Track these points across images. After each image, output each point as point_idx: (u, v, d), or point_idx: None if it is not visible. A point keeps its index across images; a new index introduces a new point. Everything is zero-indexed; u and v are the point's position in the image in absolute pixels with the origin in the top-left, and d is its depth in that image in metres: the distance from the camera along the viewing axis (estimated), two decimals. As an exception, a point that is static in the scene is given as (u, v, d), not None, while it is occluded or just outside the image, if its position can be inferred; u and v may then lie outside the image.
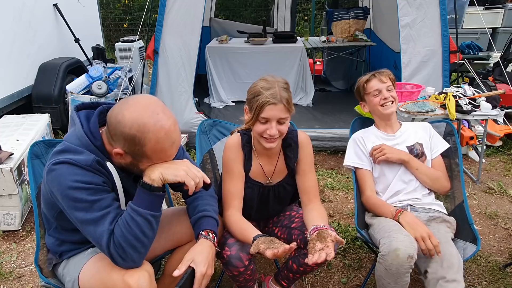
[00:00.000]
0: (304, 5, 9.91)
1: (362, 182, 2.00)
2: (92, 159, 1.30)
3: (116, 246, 1.26)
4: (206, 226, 1.51)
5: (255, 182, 1.79)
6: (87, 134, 1.33)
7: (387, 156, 1.93)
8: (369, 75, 2.02)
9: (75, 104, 1.47)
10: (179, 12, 3.61)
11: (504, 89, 3.49)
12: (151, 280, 1.32)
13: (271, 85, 1.58)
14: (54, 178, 1.27)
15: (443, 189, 1.98)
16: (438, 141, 2.03)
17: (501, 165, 3.66)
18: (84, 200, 1.25)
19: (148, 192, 1.28)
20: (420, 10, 3.47)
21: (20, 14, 3.99)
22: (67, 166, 1.26)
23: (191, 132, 3.76)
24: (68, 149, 1.31)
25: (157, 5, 3.63)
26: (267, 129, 1.60)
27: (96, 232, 1.26)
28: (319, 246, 1.45)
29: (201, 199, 1.59)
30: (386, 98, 1.96)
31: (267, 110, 1.56)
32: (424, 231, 1.64)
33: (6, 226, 2.67)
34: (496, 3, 6.22)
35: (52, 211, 1.41)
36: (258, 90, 1.58)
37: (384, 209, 1.86)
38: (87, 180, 1.27)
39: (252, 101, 1.60)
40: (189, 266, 1.39)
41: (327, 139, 3.79)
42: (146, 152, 1.27)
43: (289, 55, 4.74)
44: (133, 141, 1.25)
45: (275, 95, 1.55)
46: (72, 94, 4.03)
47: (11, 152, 2.67)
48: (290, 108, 1.61)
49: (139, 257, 1.31)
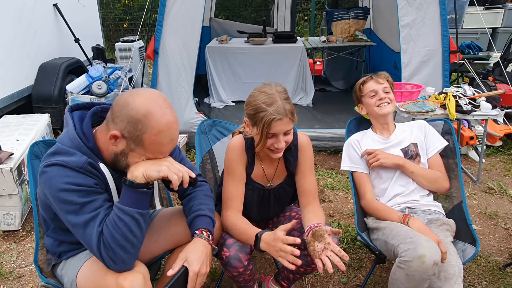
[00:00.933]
0: (304, 5, 9.91)
1: (360, 186, 1.98)
2: (84, 161, 1.29)
3: (106, 248, 1.25)
4: (200, 225, 1.50)
5: (256, 184, 1.78)
6: (79, 135, 1.33)
7: (381, 162, 1.91)
8: (367, 76, 2.01)
9: (69, 105, 1.46)
10: (179, 12, 3.61)
11: (504, 89, 3.49)
12: (145, 282, 1.32)
13: (273, 99, 1.52)
14: (45, 180, 1.27)
15: (442, 190, 1.96)
16: (435, 138, 2.00)
17: (501, 165, 3.66)
18: (74, 202, 1.25)
19: (132, 190, 1.27)
20: (420, 10, 3.47)
21: (20, 14, 3.99)
22: (58, 168, 1.26)
23: (191, 132, 3.76)
24: (60, 151, 1.30)
25: (157, 5, 3.63)
26: (275, 143, 1.58)
27: (85, 235, 1.26)
28: (320, 246, 1.45)
29: (196, 199, 1.58)
30: (382, 98, 1.95)
31: (274, 126, 1.53)
32: (434, 239, 1.61)
33: (6, 226, 2.67)
34: (496, 3, 6.22)
35: (48, 212, 1.41)
36: (260, 106, 1.52)
37: (389, 214, 1.82)
38: (78, 182, 1.26)
39: (256, 117, 1.55)
40: (182, 265, 1.39)
41: (327, 139, 3.79)
42: (144, 140, 1.26)
43: (289, 55, 4.74)
44: (135, 125, 1.25)
45: (280, 110, 1.51)
46: (72, 94, 4.04)
47: (11, 152, 2.67)
48: (294, 119, 1.58)
49: (130, 258, 1.30)
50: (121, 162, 1.33)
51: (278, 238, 1.44)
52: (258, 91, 1.58)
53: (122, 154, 1.32)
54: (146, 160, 1.31)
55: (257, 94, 1.57)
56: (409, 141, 1.99)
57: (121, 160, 1.33)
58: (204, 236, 1.47)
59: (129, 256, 1.29)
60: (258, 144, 1.60)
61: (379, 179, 1.98)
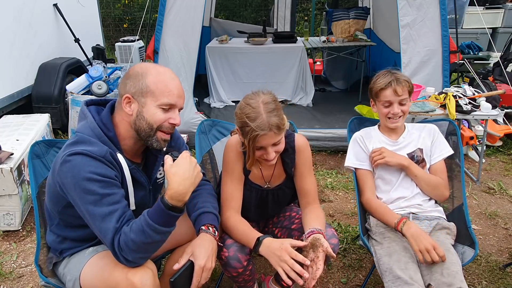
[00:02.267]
0: (304, 5, 9.91)
1: (361, 183, 1.95)
2: (105, 151, 1.32)
3: (121, 248, 1.26)
4: (206, 221, 1.51)
5: (254, 185, 1.78)
6: (100, 125, 1.36)
7: (386, 160, 1.87)
8: (387, 81, 1.85)
9: (85, 100, 1.51)
10: (179, 12, 3.61)
11: (504, 89, 3.49)
12: (154, 278, 1.33)
13: (257, 113, 1.48)
14: (68, 169, 1.27)
15: (441, 198, 1.92)
16: (442, 145, 1.94)
17: (501, 165, 3.66)
18: (95, 192, 1.26)
19: (166, 211, 1.26)
20: (420, 10, 3.47)
21: (20, 14, 3.99)
22: (81, 157, 1.27)
23: (191, 132, 3.76)
24: (82, 140, 1.32)
25: (157, 5, 3.63)
26: (264, 154, 1.57)
27: (101, 228, 1.27)
28: (311, 256, 1.47)
29: (200, 197, 1.59)
30: (395, 114, 1.86)
31: (260, 140, 1.50)
32: (428, 243, 1.61)
33: (6, 226, 2.67)
34: (496, 3, 6.21)
35: (58, 205, 1.41)
36: (244, 120, 1.49)
37: (386, 217, 1.80)
38: (101, 172, 1.28)
39: (243, 130, 1.53)
40: (188, 259, 1.40)
41: (327, 139, 3.79)
42: (149, 84, 1.33)
43: (289, 55, 4.74)
44: (137, 78, 1.35)
45: (263, 125, 1.46)
46: (72, 94, 4.03)
47: (11, 152, 2.67)
48: (282, 130, 1.53)
49: (144, 260, 1.32)
50: (143, 127, 1.36)
51: (286, 249, 1.45)
52: (244, 103, 1.54)
53: (139, 117, 1.36)
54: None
55: (243, 106, 1.54)
56: (415, 146, 1.93)
57: (142, 126, 1.36)
58: (210, 231, 1.48)
59: (145, 259, 1.32)
60: (248, 158, 1.58)
61: (382, 180, 1.94)
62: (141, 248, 1.26)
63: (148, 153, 1.53)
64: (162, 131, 1.39)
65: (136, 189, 1.45)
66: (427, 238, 1.64)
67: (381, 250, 1.72)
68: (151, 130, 1.36)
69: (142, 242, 1.24)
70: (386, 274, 1.61)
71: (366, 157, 1.97)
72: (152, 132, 1.37)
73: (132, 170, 1.41)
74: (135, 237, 1.24)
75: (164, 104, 1.36)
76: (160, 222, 1.24)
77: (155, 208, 1.26)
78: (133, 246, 1.24)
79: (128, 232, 1.25)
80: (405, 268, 1.59)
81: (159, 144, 1.40)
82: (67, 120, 4.12)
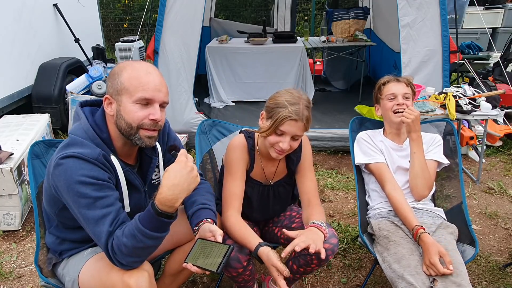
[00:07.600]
0: (304, 5, 9.90)
1: (380, 176, 1.90)
2: (98, 153, 1.30)
3: (115, 252, 1.25)
4: (206, 215, 1.50)
5: (255, 181, 1.79)
6: (93, 126, 1.35)
7: (408, 122, 1.81)
8: (388, 77, 1.94)
9: (79, 101, 1.49)
10: (179, 12, 3.61)
11: (504, 89, 3.49)
12: (150, 280, 1.32)
13: (296, 101, 1.56)
14: (61, 172, 1.26)
15: (420, 190, 1.86)
16: (437, 152, 1.93)
17: (501, 165, 3.66)
18: (88, 195, 1.25)
19: (157, 218, 1.23)
20: (420, 10, 3.47)
21: (20, 14, 3.99)
22: (74, 160, 1.26)
23: (191, 132, 3.76)
24: (74, 142, 1.31)
25: (157, 5, 3.63)
26: (280, 142, 1.58)
27: (95, 231, 1.26)
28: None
29: (199, 194, 1.59)
30: (400, 104, 1.88)
31: (287, 124, 1.55)
32: (442, 252, 1.57)
33: (6, 226, 2.67)
34: (496, 3, 6.22)
35: (54, 207, 1.41)
36: (283, 102, 1.55)
37: (406, 220, 1.76)
38: (94, 175, 1.27)
39: (273, 111, 1.57)
40: (229, 244, 1.38)
41: (327, 139, 3.79)
42: (123, 81, 1.31)
43: (289, 55, 4.74)
44: (113, 76, 1.35)
45: (299, 112, 1.54)
46: (72, 94, 4.03)
47: (11, 152, 2.67)
48: (308, 128, 1.60)
49: (138, 264, 1.31)
50: (123, 126, 1.33)
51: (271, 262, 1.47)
52: (285, 90, 1.62)
53: (118, 117, 1.33)
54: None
55: (283, 92, 1.61)
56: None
57: (122, 125, 1.33)
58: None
59: (139, 263, 1.31)
60: (264, 132, 1.60)
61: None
62: (133, 253, 1.25)
63: (142, 154, 1.52)
64: (144, 129, 1.34)
65: (131, 191, 1.43)
66: (441, 249, 1.59)
67: (389, 257, 1.69)
68: (131, 129, 1.33)
69: (134, 247, 1.23)
70: (399, 282, 1.58)
71: (375, 151, 1.95)
72: (132, 131, 1.33)
73: (126, 172, 1.39)
74: (127, 242, 1.22)
75: (139, 99, 1.30)
76: (151, 228, 1.22)
77: (146, 213, 1.23)
78: (125, 251, 1.23)
79: (120, 236, 1.23)
80: (415, 273, 1.57)
81: (143, 142, 1.36)
82: (67, 120, 4.12)
